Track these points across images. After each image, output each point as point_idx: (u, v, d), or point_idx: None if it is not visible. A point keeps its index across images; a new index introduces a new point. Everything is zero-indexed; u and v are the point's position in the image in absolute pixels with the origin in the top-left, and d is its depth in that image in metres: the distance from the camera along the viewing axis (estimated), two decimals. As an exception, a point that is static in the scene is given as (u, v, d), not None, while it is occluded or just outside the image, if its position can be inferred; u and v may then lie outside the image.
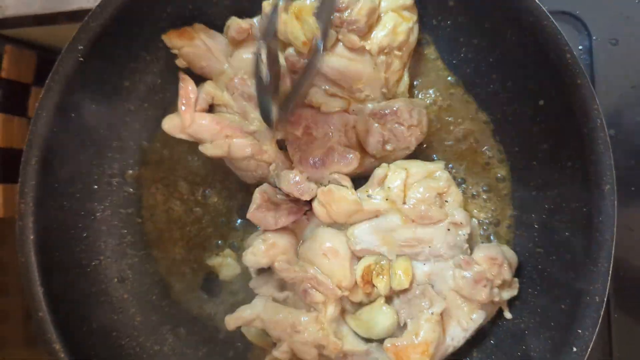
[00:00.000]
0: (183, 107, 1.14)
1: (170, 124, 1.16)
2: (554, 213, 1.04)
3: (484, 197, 1.18)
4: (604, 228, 0.90)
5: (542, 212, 1.07)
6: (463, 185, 1.19)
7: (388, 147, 1.12)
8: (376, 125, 1.10)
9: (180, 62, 1.17)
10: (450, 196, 1.09)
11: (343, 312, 1.13)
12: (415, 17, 1.12)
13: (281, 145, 1.18)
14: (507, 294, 1.06)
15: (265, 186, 1.16)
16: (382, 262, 1.09)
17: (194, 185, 1.28)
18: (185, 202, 1.28)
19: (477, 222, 1.15)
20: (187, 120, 1.14)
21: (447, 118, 1.20)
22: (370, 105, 1.13)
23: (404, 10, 1.10)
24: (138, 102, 1.23)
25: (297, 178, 1.11)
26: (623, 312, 1.19)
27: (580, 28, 1.27)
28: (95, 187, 1.21)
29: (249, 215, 1.12)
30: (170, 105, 1.25)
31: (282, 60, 1.11)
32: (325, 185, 1.12)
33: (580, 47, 1.26)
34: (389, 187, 1.08)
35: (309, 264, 1.10)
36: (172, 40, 1.15)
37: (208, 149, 1.15)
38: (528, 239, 1.10)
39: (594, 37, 1.26)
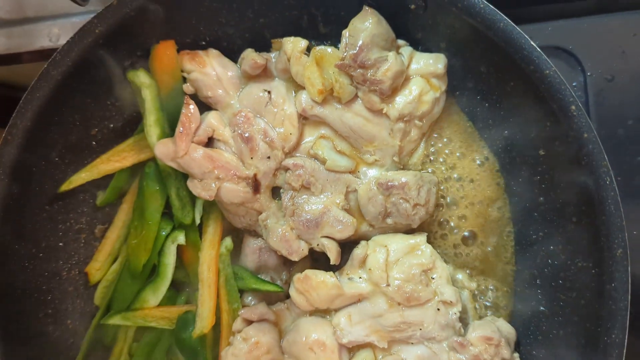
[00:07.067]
0: (180, 134, 1.03)
1: (163, 149, 1.04)
2: (559, 270, 0.97)
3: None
4: (618, 296, 0.83)
5: (545, 268, 1.00)
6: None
7: (388, 221, 1.03)
8: (380, 196, 1.01)
9: (187, 89, 1.07)
10: (437, 272, 1.01)
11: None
12: (444, 87, 1.03)
13: (275, 194, 1.10)
14: None
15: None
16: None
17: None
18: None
19: (467, 294, 1.07)
20: (181, 149, 1.02)
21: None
22: (377, 173, 1.05)
23: (434, 77, 1.01)
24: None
25: (287, 235, 1.03)
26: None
27: (574, 64, 1.21)
28: (61, 244, 1.12)
29: None
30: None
31: (294, 103, 1.04)
32: (314, 247, 1.04)
33: (574, 84, 1.19)
34: (370, 269, 1.00)
35: None
36: (184, 62, 1.06)
37: (195, 187, 1.04)
38: (530, 296, 1.03)
39: (588, 73, 1.20)
